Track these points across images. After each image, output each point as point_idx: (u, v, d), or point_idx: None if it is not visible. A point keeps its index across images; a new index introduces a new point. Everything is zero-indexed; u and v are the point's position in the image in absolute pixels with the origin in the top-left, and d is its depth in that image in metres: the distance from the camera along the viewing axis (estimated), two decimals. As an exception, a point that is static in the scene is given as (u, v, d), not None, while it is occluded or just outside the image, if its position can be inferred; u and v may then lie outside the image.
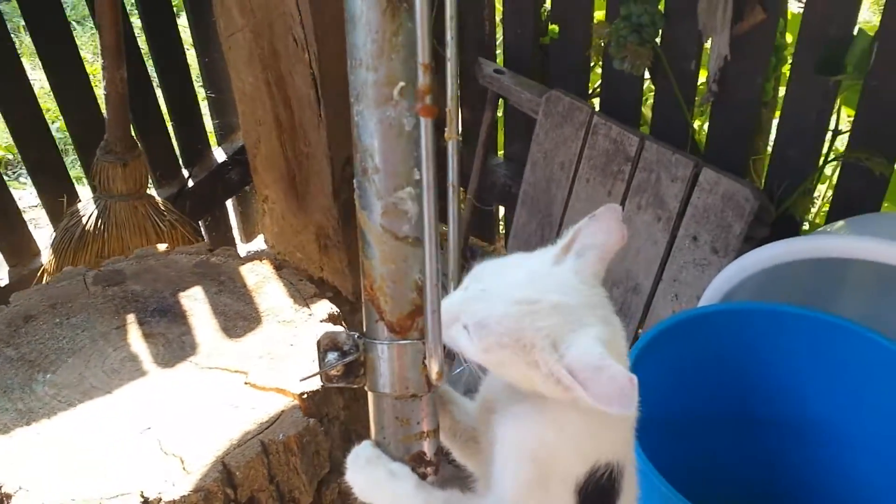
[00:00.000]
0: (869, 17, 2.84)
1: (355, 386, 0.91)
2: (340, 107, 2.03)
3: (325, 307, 1.42)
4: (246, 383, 1.29)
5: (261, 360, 1.33)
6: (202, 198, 2.27)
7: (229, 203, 2.46)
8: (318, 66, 1.91)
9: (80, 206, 1.88)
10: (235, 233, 2.52)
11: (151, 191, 2.01)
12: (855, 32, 1.50)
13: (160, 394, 1.28)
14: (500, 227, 2.49)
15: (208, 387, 1.28)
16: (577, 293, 0.82)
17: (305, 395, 1.26)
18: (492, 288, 0.81)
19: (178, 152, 2.22)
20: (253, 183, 2.36)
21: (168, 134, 2.18)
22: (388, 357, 0.86)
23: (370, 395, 0.90)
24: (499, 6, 2.12)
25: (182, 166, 2.24)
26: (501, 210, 2.45)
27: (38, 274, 1.92)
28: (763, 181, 1.78)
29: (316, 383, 1.27)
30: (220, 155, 2.31)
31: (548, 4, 1.97)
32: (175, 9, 2.16)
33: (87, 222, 1.83)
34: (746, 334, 1.54)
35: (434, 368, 0.79)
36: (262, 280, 1.49)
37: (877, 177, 1.58)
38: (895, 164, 1.57)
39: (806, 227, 1.75)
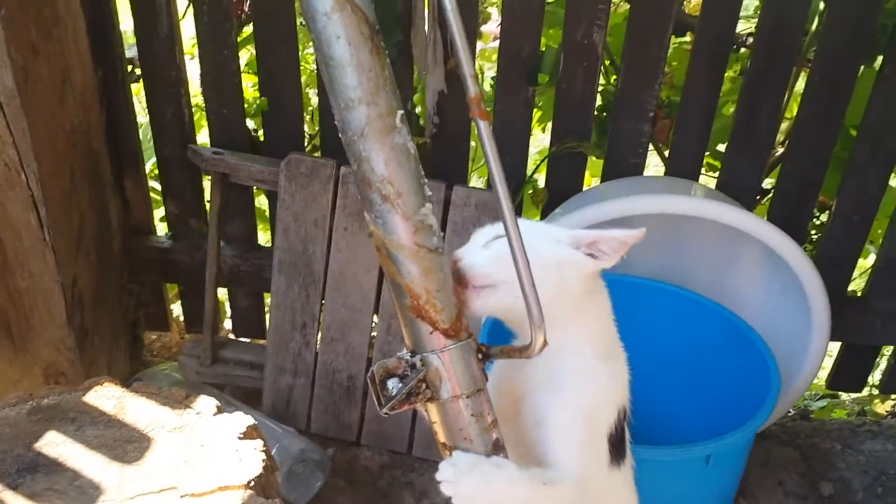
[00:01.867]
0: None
1: (417, 404, 0.96)
2: (65, 224, 1.90)
3: (208, 402, 1.37)
4: (183, 496, 1.20)
5: (179, 470, 1.25)
6: None
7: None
8: (38, 186, 1.78)
9: None
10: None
11: None
12: (543, 49, 1.86)
13: (97, 543, 1.15)
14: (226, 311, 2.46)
15: (145, 515, 1.18)
16: None
17: (252, 483, 1.22)
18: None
19: None
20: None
21: None
22: (450, 362, 0.94)
23: (436, 408, 0.95)
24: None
25: None
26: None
27: None
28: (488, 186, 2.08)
29: (256, 468, 1.24)
30: None
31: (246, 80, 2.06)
32: None
33: None
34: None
35: (540, 337, 0.89)
36: (119, 401, 1.37)
37: (577, 159, 1.96)
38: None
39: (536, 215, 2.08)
